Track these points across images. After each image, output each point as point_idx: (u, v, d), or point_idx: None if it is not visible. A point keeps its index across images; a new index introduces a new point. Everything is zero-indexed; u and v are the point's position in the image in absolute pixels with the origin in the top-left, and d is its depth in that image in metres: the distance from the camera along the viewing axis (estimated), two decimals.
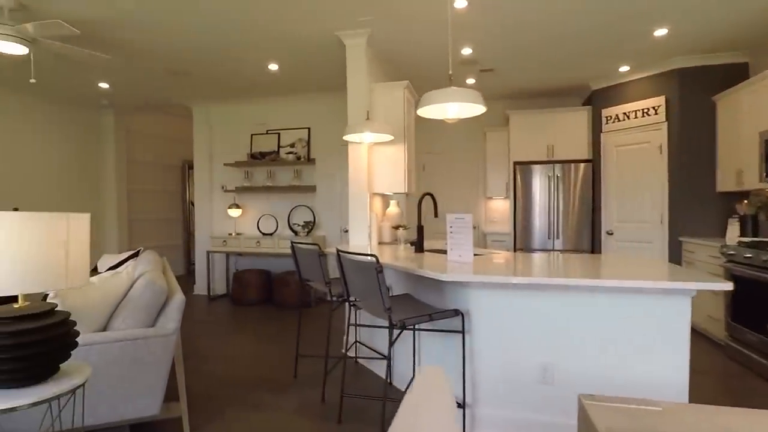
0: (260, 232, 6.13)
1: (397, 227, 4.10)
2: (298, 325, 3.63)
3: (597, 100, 5.41)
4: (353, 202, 3.94)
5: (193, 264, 6.87)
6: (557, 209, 5.64)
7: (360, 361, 3.58)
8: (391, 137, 3.61)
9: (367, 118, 3.62)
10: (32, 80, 3.46)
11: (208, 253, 5.97)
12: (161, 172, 7.83)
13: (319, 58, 4.51)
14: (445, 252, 3.38)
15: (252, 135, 6.22)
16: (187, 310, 5.41)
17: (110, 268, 3.82)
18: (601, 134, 5.32)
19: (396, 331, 2.41)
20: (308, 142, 6.02)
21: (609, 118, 5.23)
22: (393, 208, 4.31)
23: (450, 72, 2.70)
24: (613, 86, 5.19)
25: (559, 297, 2.26)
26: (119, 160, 6.85)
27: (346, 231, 5.92)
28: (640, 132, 4.93)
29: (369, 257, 2.17)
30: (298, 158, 5.94)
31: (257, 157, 6.02)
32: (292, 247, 3.23)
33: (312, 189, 5.93)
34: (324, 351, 3.85)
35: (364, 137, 3.63)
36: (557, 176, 5.62)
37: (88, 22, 3.56)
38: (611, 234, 5.26)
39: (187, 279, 7.60)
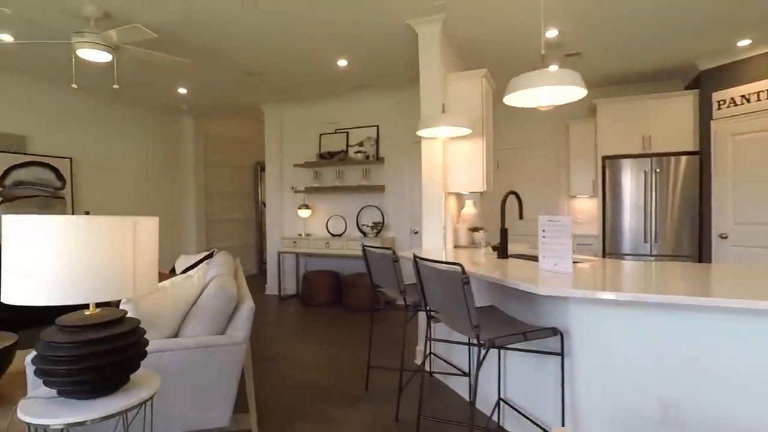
0: (329, 232, 6.06)
1: (474, 229, 3.79)
2: (369, 334, 3.43)
3: (706, 82, 4.69)
4: (427, 202, 3.68)
5: (265, 263, 6.98)
6: (653, 209, 4.99)
7: (435, 375, 3.31)
8: (469, 130, 3.30)
9: (443, 111, 3.34)
10: (115, 86, 3.58)
11: (278, 253, 6.00)
12: (235, 174, 8.07)
13: (388, 50, 4.31)
14: (532, 258, 3.02)
15: (321, 135, 6.17)
16: (258, 310, 5.45)
17: (186, 269, 3.88)
18: (712, 122, 4.61)
19: (483, 351, 2.11)
20: (377, 141, 5.85)
21: (722, 102, 4.51)
22: (469, 209, 3.99)
23: (542, 52, 2.35)
24: (729, 65, 4.46)
25: (692, 318, 1.84)
26: (197, 162, 7.12)
27: (416, 232, 5.68)
28: (764, 118, 4.19)
29: (453, 266, 1.90)
30: (367, 157, 5.79)
31: (326, 157, 5.95)
32: (364, 251, 3.03)
33: (381, 189, 5.75)
34: (395, 362, 3.63)
35: (439, 132, 3.35)
36: (655, 171, 4.97)
37: (167, 27, 3.62)
38: (725, 238, 4.53)
39: (259, 278, 7.77)
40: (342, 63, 4.63)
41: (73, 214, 5.33)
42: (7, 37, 3.75)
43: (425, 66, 3.68)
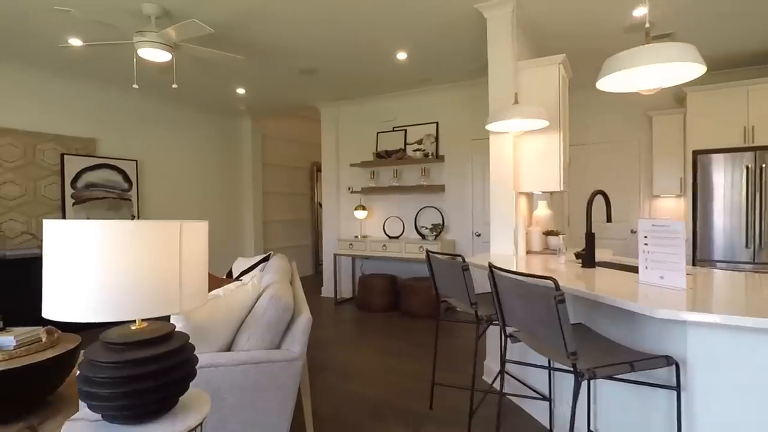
0: (386, 234, 5.85)
1: (549, 233, 3.41)
2: (434, 349, 3.16)
3: None
4: (496, 203, 3.35)
5: (321, 265, 6.91)
6: (759, 210, 4.33)
7: (507, 396, 2.98)
8: (546, 122, 2.94)
9: (515, 102, 3.00)
10: (174, 86, 3.55)
11: (334, 256, 5.87)
12: (291, 175, 8.07)
13: (451, 39, 4.01)
14: (624, 268, 2.62)
15: (378, 133, 5.98)
16: (314, 314, 5.34)
17: (242, 273, 3.80)
18: None
19: (581, 381, 1.78)
20: (436, 138, 5.56)
21: None
22: (543, 210, 3.61)
23: (646, 24, 1.97)
24: None
25: None
26: (255, 163, 7.17)
27: (479, 235, 5.33)
28: None
29: (544, 281, 1.59)
30: (426, 155, 5.51)
31: (383, 156, 5.74)
32: (428, 257, 2.77)
33: (440, 189, 5.46)
34: (461, 378, 3.33)
35: (511, 125, 3.02)
36: (759, 167, 4.31)
37: (224, 23, 3.55)
38: None
39: (315, 280, 7.71)
40: (401, 56, 4.39)
41: (138, 215, 5.49)
42: (77, 42, 3.85)
43: (494, 53, 3.35)
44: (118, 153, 5.38)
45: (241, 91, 5.55)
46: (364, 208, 5.90)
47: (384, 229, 5.89)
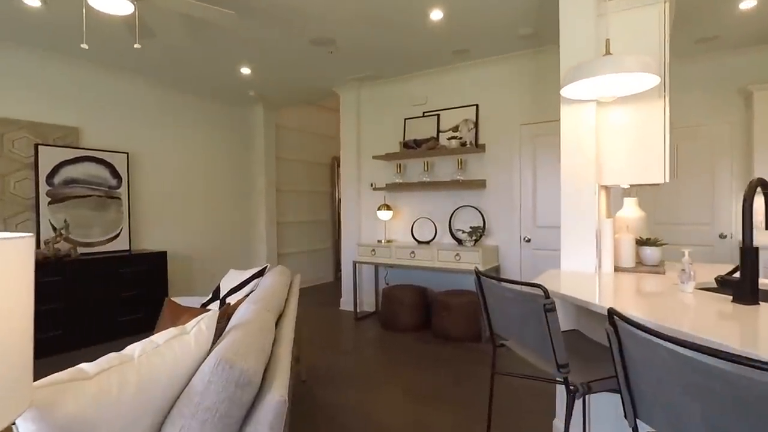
0: (414, 239, 4.94)
1: (644, 242, 2.44)
2: (488, 412, 2.25)
3: None
4: (570, 201, 2.41)
5: (341, 271, 6.08)
6: None
7: None
8: (657, 79, 1.97)
9: (607, 53, 2.05)
10: (137, 45, 2.76)
11: (354, 263, 5.01)
12: (310, 171, 7.28)
13: None
14: None
15: (405, 120, 5.08)
16: (331, 333, 4.49)
17: (230, 292, 2.99)
18: None
19: None
20: (476, 124, 4.62)
21: None
22: (632, 211, 2.64)
23: None
24: None
25: None
26: (268, 158, 6.40)
27: (528, 240, 4.36)
28: None
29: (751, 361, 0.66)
30: (463, 144, 4.58)
31: (411, 147, 4.84)
32: (478, 280, 1.86)
33: (480, 184, 4.51)
34: None
35: (601, 87, 2.07)
36: None
37: None
38: None
39: (335, 289, 6.89)
40: (436, 15, 3.48)
41: (129, 215, 4.78)
42: (34, 1, 3.13)
43: None
44: (105, 144, 4.68)
45: (245, 70, 4.77)
46: (388, 208, 5.01)
47: (412, 232, 4.99)
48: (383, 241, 5.00)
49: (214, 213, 5.87)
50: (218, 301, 3.04)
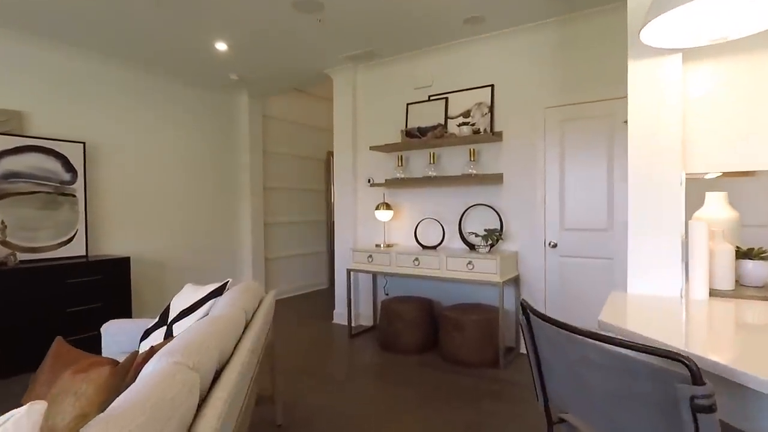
0: (419, 243, 4.24)
1: (746, 254, 1.74)
2: None
3: None
4: (640, 197, 1.71)
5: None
6: None
7: None
8: None
9: None
10: None
11: (348, 272, 4.31)
12: (302, 167, 6.58)
13: None
14: None
15: (408, 105, 4.38)
16: (319, 356, 3.80)
17: (180, 315, 2.31)
18: None
19: None
20: (491, 108, 3.92)
21: None
22: (721, 210, 1.93)
23: None
24: None
25: None
26: (254, 151, 5.71)
27: (554, 245, 3.66)
28: None
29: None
30: (476, 132, 3.89)
31: (415, 135, 4.14)
32: (526, 319, 1.17)
33: (496, 179, 3.82)
34: None
35: (703, 25, 1.37)
36: None
37: None
38: None
39: (330, 296, 6.19)
40: None
41: (86, 215, 4.09)
42: None
43: None
44: (57, 132, 4.00)
45: (221, 46, 4.08)
46: (388, 207, 4.32)
47: (416, 235, 4.29)
48: (382, 245, 4.31)
49: (192, 213, 5.17)
50: (164, 328, 2.35)
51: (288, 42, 4.01)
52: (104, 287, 3.90)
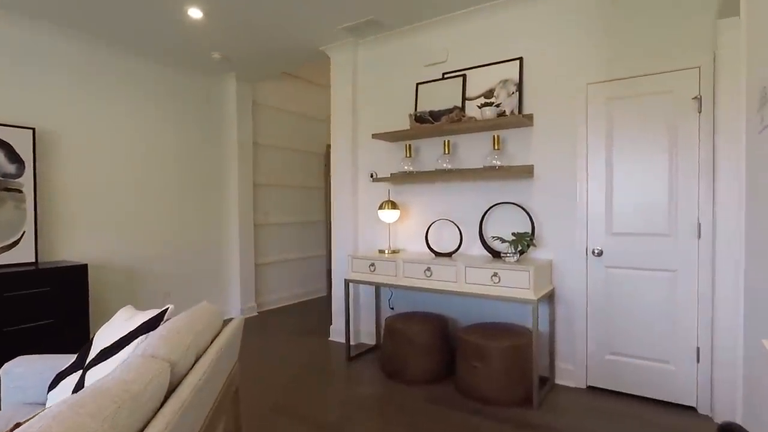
0: (430, 249, 3.55)
1: None
2: None
3: None
4: (760, 206, 1.01)
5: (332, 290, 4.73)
6: None
7: None
8: None
9: None
10: None
11: (346, 282, 3.63)
12: (299, 161, 5.92)
13: None
14: None
15: (417, 85, 3.70)
16: (310, 387, 3.13)
17: (102, 353, 1.66)
18: None
19: None
20: (519, 86, 3.23)
21: None
22: None
23: None
24: None
25: None
26: (242, 143, 5.05)
27: (599, 254, 2.96)
28: None
29: None
30: (501, 114, 3.20)
31: (426, 120, 3.46)
32: None
33: (526, 172, 3.12)
34: None
35: None
36: None
37: None
38: None
39: (329, 306, 5.52)
40: None
41: (35, 215, 3.45)
42: None
43: None
44: None
45: (195, 12, 3.42)
46: (394, 206, 3.64)
47: (427, 240, 3.60)
48: (386, 251, 3.62)
49: (169, 212, 4.52)
50: (80, 372, 1.69)
51: (274, 7, 3.34)
52: (55, 300, 3.26)
